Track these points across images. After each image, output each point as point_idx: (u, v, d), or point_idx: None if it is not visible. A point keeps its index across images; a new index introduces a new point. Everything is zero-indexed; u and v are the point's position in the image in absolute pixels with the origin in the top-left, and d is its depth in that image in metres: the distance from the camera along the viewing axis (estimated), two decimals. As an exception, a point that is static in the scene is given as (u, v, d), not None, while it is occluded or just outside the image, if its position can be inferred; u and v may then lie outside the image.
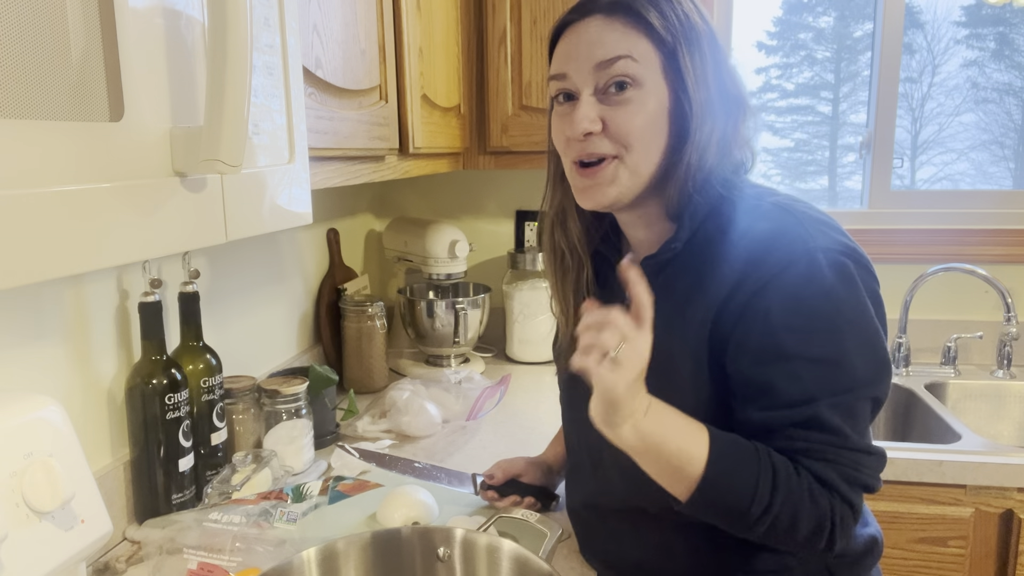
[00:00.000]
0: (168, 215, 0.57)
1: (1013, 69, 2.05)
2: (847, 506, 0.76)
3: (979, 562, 1.42)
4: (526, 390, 1.74)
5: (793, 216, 0.81)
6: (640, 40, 0.80)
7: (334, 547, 0.82)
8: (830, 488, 0.75)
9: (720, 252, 0.80)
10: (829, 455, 0.76)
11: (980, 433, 1.69)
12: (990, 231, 1.89)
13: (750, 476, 0.74)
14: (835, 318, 0.76)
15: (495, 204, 2.10)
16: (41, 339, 0.94)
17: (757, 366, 0.77)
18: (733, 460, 0.75)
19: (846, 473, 0.76)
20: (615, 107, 0.81)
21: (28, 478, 0.70)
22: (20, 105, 0.44)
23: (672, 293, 0.83)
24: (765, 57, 2.22)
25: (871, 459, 0.78)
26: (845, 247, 0.79)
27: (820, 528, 0.75)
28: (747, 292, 0.77)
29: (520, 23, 1.65)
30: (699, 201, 0.82)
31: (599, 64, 0.81)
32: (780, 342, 0.76)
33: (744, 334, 0.78)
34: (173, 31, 0.57)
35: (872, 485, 0.78)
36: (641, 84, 0.80)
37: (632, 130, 0.81)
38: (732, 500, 0.74)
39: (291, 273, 1.64)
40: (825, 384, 0.76)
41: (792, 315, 0.76)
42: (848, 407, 0.76)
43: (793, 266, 0.76)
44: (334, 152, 0.99)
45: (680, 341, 0.81)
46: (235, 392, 1.23)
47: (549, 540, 0.88)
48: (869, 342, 0.77)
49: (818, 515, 0.75)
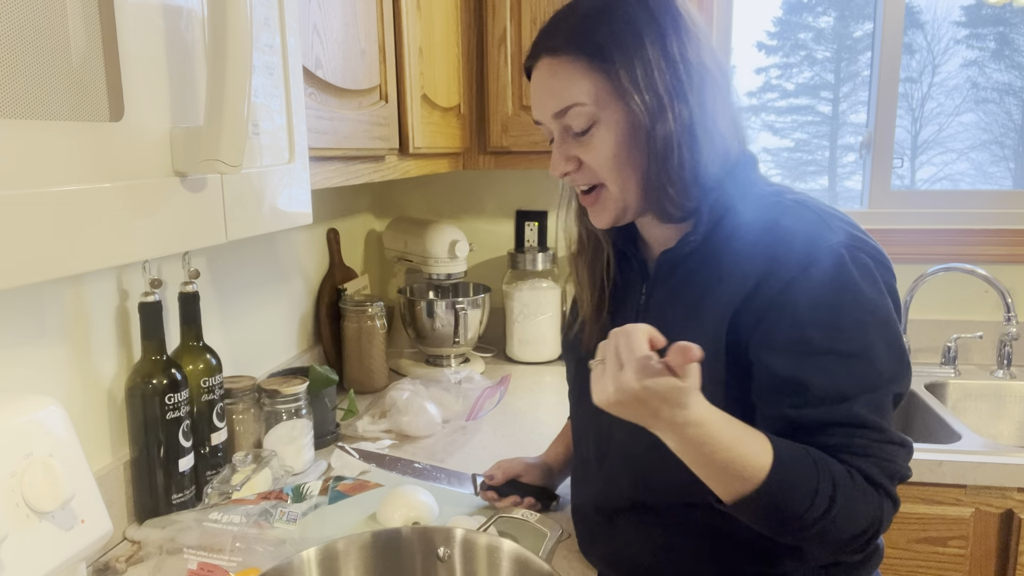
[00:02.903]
0: (168, 215, 0.57)
1: (1013, 69, 2.05)
2: (891, 500, 0.78)
3: (979, 562, 1.42)
4: (526, 390, 1.74)
5: (814, 212, 0.82)
6: (581, 80, 0.83)
7: (334, 547, 0.82)
8: (876, 485, 0.76)
9: (741, 247, 0.81)
10: (872, 451, 0.77)
11: (980, 433, 1.69)
12: (990, 231, 1.89)
13: (809, 489, 0.73)
14: (860, 314, 0.77)
15: (495, 204, 2.10)
16: (41, 339, 0.94)
17: (786, 363, 0.78)
18: (794, 472, 0.74)
19: (887, 468, 0.77)
20: (583, 146, 0.85)
21: (28, 478, 0.70)
22: (20, 105, 0.44)
23: (691, 287, 0.84)
24: (765, 57, 2.22)
25: (904, 451, 0.79)
26: (865, 243, 0.80)
27: (871, 526, 0.76)
28: (772, 288, 0.78)
29: (520, 23, 1.65)
30: (712, 198, 0.83)
31: (555, 115, 0.86)
32: (809, 338, 0.77)
33: (770, 330, 0.78)
34: (173, 31, 0.57)
35: (907, 475, 0.80)
36: (598, 120, 0.83)
37: (604, 163, 0.84)
38: (788, 509, 0.74)
39: (291, 273, 1.64)
40: (857, 380, 0.77)
41: (820, 311, 0.76)
42: (879, 402, 0.77)
43: (818, 263, 0.77)
44: (334, 152, 0.99)
45: (696, 333, 0.80)
46: (235, 392, 1.23)
47: (549, 540, 0.88)
48: (892, 337, 0.79)
49: (870, 515, 0.76)
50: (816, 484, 0.73)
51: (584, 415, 0.98)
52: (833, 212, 0.83)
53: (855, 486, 0.75)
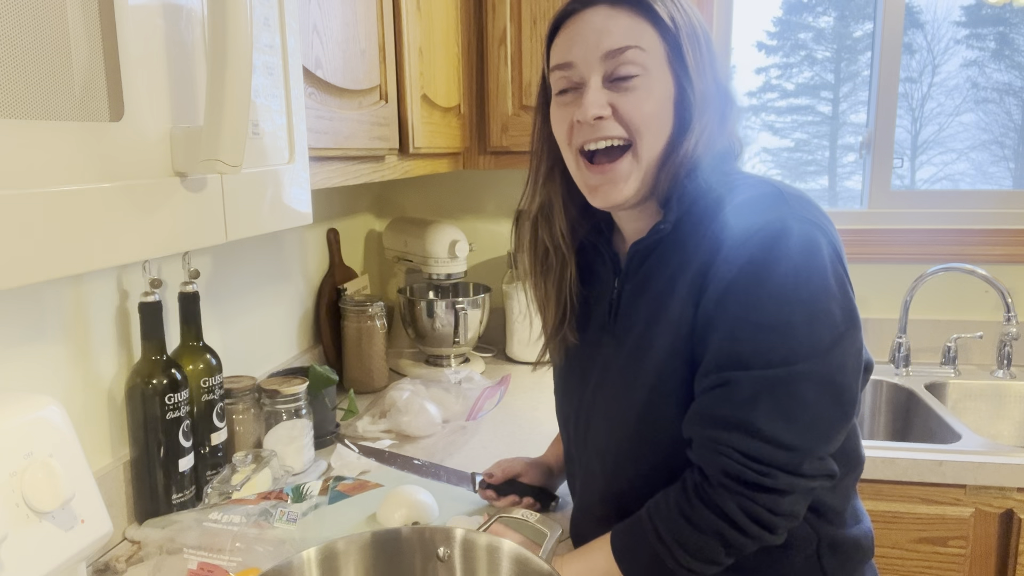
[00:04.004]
0: (168, 215, 0.57)
1: (1013, 69, 2.05)
2: (742, 498, 0.75)
3: (979, 562, 1.42)
4: (526, 390, 1.74)
5: (776, 188, 0.80)
6: (646, 30, 0.81)
7: (334, 547, 0.82)
8: (711, 485, 0.76)
9: (705, 229, 0.80)
10: (721, 446, 0.75)
11: (980, 433, 1.69)
12: (990, 231, 1.89)
13: (646, 548, 0.79)
14: (787, 287, 0.73)
15: (495, 204, 2.10)
16: (41, 339, 0.94)
17: (705, 329, 0.77)
18: (630, 550, 0.81)
19: (731, 468, 0.74)
20: (624, 94, 0.81)
21: (28, 478, 0.70)
22: (20, 105, 0.44)
23: (661, 275, 0.83)
24: (765, 57, 2.22)
25: (780, 453, 0.73)
26: (821, 225, 0.77)
27: (722, 536, 0.76)
28: (715, 263, 0.77)
29: (520, 23, 1.65)
30: (687, 186, 0.82)
31: (608, 53, 0.80)
32: (729, 304, 0.75)
33: (706, 301, 0.77)
34: (173, 31, 0.57)
35: (768, 484, 0.74)
36: (648, 72, 0.81)
37: (643, 116, 0.81)
38: (656, 571, 0.79)
39: (291, 273, 1.64)
40: (759, 351, 0.73)
41: (747, 279, 0.74)
42: (781, 381, 0.73)
43: (761, 231, 0.75)
44: (334, 152, 0.99)
45: (666, 323, 0.81)
46: (235, 392, 1.23)
47: (549, 540, 0.88)
48: (819, 318, 0.74)
49: (708, 530, 0.76)
50: (650, 546, 0.79)
51: (566, 411, 1.00)
52: (800, 195, 0.80)
53: (674, 522, 0.78)
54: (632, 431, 0.85)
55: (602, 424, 0.90)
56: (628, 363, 0.85)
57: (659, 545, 0.78)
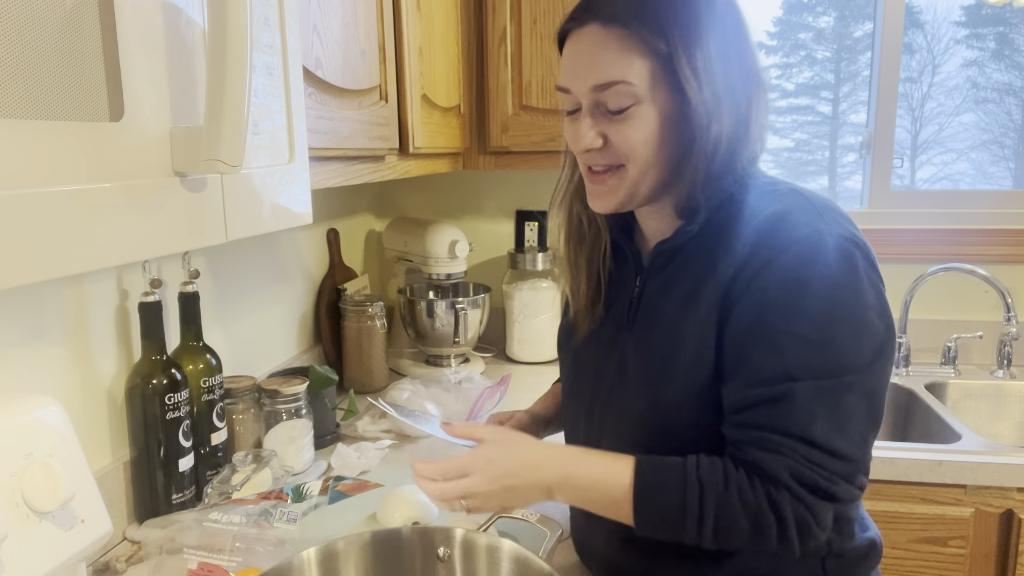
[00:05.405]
0: (168, 215, 0.57)
1: (1013, 69, 2.05)
2: (800, 504, 0.74)
3: (979, 562, 1.42)
4: (526, 390, 1.74)
5: (807, 200, 0.81)
6: (636, 58, 0.79)
7: (334, 547, 0.82)
8: (773, 483, 0.74)
9: (733, 235, 0.80)
10: (784, 449, 0.74)
11: (980, 433, 1.69)
12: (990, 231, 1.89)
13: (676, 497, 0.76)
14: (829, 300, 0.74)
15: (495, 204, 2.10)
16: (41, 339, 0.94)
17: (745, 342, 0.77)
18: (656, 489, 0.78)
19: (797, 470, 0.74)
20: (615, 123, 0.81)
21: (28, 478, 0.70)
22: (20, 105, 0.44)
23: (686, 276, 0.83)
24: (765, 57, 2.22)
25: (838, 463, 0.74)
26: (855, 238, 0.78)
27: (759, 528, 0.74)
28: (752, 270, 0.77)
29: (520, 23, 1.65)
30: (712, 192, 0.82)
31: (596, 87, 0.81)
32: (769, 318, 0.75)
33: (741, 312, 0.77)
34: (173, 31, 0.57)
35: (832, 492, 0.74)
36: (640, 100, 0.80)
37: (633, 146, 0.81)
38: (669, 521, 0.77)
39: (291, 273, 1.64)
40: (808, 364, 0.74)
41: (787, 293, 0.75)
42: (831, 392, 0.74)
43: (798, 245, 0.75)
44: (334, 152, 0.99)
45: (693, 324, 0.81)
46: (235, 392, 1.23)
47: (549, 540, 0.88)
48: (861, 330, 0.75)
49: (751, 516, 0.74)
50: (683, 495, 0.76)
51: (575, 410, 0.98)
52: (830, 204, 0.82)
53: (728, 493, 0.75)
54: (650, 430, 0.84)
55: (618, 422, 0.89)
56: (649, 361, 0.85)
57: (694, 504, 0.75)
